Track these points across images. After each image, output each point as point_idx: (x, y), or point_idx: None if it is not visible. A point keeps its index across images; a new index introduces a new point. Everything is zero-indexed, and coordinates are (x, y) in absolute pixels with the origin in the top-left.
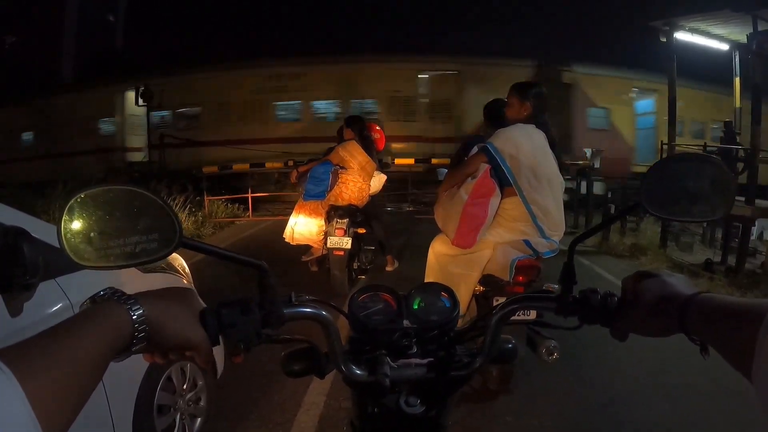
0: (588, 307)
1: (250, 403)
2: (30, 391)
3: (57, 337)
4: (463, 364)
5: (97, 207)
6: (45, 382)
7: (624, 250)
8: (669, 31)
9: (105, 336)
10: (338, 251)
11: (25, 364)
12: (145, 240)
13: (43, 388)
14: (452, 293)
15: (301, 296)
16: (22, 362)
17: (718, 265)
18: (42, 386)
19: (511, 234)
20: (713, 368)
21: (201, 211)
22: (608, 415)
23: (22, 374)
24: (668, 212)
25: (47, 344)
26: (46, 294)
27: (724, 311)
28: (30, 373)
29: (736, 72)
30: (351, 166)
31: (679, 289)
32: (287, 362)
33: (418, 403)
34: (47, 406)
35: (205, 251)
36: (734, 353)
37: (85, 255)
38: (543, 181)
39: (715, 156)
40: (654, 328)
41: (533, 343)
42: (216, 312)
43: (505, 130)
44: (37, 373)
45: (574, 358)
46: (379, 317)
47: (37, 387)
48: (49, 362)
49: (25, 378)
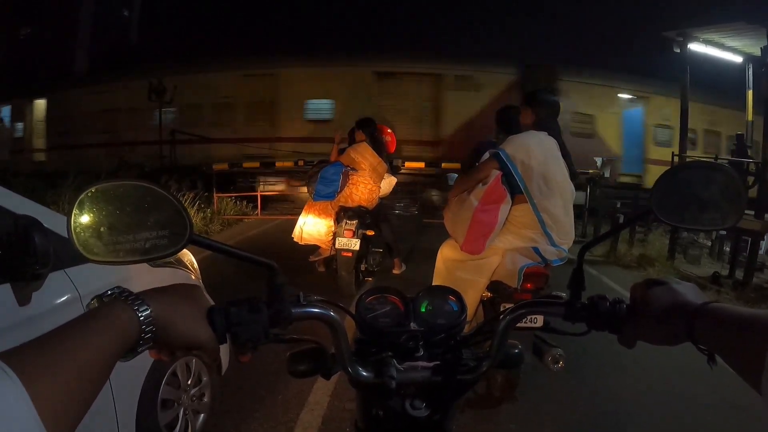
0: (596, 314)
1: (254, 401)
2: (35, 394)
3: (62, 338)
4: (469, 368)
5: (108, 202)
6: (50, 384)
7: (632, 260)
8: (683, 42)
9: (111, 337)
10: (346, 252)
11: (29, 366)
12: (155, 236)
13: (48, 390)
14: (460, 297)
15: (310, 296)
16: (27, 364)
17: (726, 278)
18: (47, 388)
19: (520, 241)
20: (718, 381)
21: (210, 208)
22: (612, 425)
23: (26, 376)
24: (679, 219)
25: (52, 346)
26: (55, 284)
27: (734, 322)
28: (34, 375)
29: (749, 85)
30: (362, 168)
31: (688, 297)
32: (292, 362)
33: (424, 406)
34: (52, 408)
35: (215, 249)
36: (743, 364)
37: (95, 249)
38: (554, 189)
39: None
40: (662, 335)
41: (539, 351)
42: (224, 310)
43: (517, 137)
44: (41, 375)
45: (580, 366)
46: (387, 319)
47: (41, 389)
48: (54, 364)
49: (30, 380)
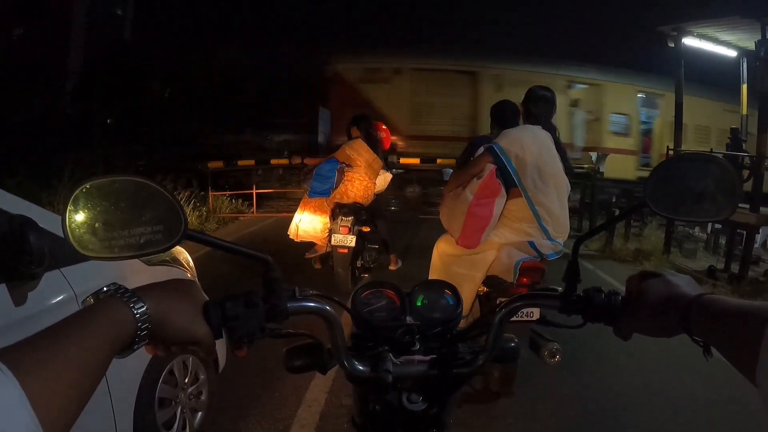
0: (592, 306)
1: (251, 398)
2: (30, 391)
3: (58, 335)
4: (465, 361)
5: (102, 198)
6: (45, 381)
7: (627, 255)
8: (677, 37)
9: (107, 334)
10: (342, 249)
11: (24, 363)
12: (150, 231)
13: (43, 388)
14: (456, 291)
15: (305, 291)
16: (22, 362)
17: (722, 272)
18: (42, 386)
19: (515, 235)
20: (715, 375)
21: (205, 206)
22: (609, 419)
23: (22, 374)
24: (673, 212)
25: (48, 343)
26: (51, 284)
27: (729, 313)
28: (30, 373)
29: (744, 79)
30: (357, 164)
31: (683, 289)
32: (289, 358)
33: (420, 400)
34: (48, 406)
35: (209, 243)
36: (738, 356)
37: (90, 246)
38: (548, 183)
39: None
40: (657, 327)
41: (536, 345)
42: (220, 305)
43: (511, 131)
44: (37, 373)
45: (576, 361)
46: (383, 314)
47: (37, 387)
48: (49, 361)
49: (25, 378)
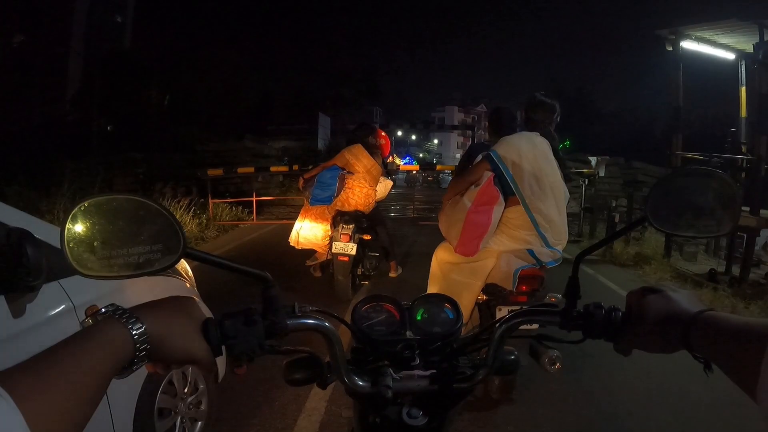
0: (592, 322)
1: (251, 408)
2: (29, 415)
3: (56, 358)
4: (465, 376)
5: (101, 216)
6: (44, 404)
7: (628, 259)
8: (675, 40)
9: (105, 356)
10: (343, 257)
11: (23, 386)
12: (149, 250)
13: (42, 411)
14: (456, 304)
15: (305, 307)
16: (21, 385)
17: (723, 275)
18: (41, 409)
19: (514, 243)
20: (716, 380)
21: (205, 213)
22: (611, 425)
23: (20, 397)
24: (673, 227)
25: (46, 366)
26: (49, 296)
27: (729, 330)
28: (29, 396)
29: (742, 81)
30: (357, 170)
31: (684, 306)
32: (289, 371)
33: (421, 415)
34: (47, 429)
35: (208, 261)
36: (739, 373)
37: (89, 264)
38: (546, 190)
39: (721, 171)
40: (658, 344)
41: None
42: (219, 323)
43: (508, 138)
44: (35, 396)
45: (577, 368)
46: (382, 328)
47: (36, 410)
48: (48, 384)
49: (24, 401)
